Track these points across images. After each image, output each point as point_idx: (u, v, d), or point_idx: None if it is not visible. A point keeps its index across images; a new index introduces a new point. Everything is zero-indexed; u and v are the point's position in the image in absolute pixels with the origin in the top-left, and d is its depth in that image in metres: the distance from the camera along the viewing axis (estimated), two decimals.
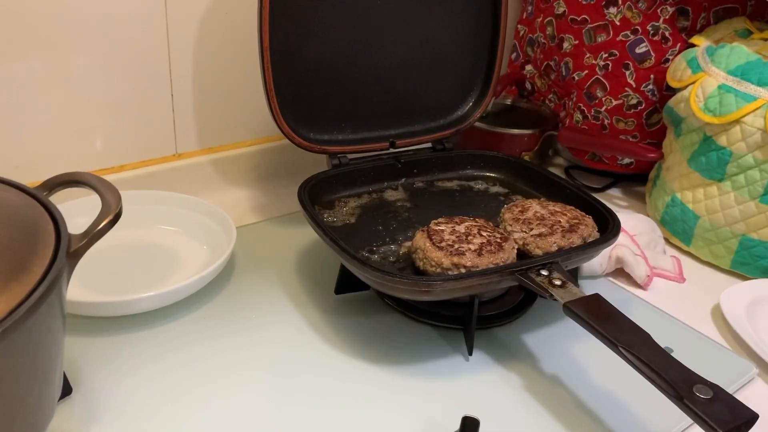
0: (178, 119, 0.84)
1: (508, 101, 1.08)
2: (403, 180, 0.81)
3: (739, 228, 0.77)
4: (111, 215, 0.45)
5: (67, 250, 0.42)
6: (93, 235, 0.44)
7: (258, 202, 0.88)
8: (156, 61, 0.80)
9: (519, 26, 1.08)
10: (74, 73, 0.75)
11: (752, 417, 0.44)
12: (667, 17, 0.88)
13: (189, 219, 0.76)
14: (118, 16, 0.75)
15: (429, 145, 0.84)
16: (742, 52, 0.77)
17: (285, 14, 0.70)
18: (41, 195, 0.46)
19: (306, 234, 0.78)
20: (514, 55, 1.10)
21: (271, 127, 0.77)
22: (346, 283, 0.68)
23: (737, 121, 0.74)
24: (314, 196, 0.72)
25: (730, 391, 0.61)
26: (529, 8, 1.05)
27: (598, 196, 0.95)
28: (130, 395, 0.56)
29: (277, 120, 0.73)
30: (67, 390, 0.54)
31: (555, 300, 0.56)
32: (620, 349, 0.49)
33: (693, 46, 0.85)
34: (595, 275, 0.76)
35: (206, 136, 0.87)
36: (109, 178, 0.80)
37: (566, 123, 1.00)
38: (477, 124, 0.93)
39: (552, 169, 1.03)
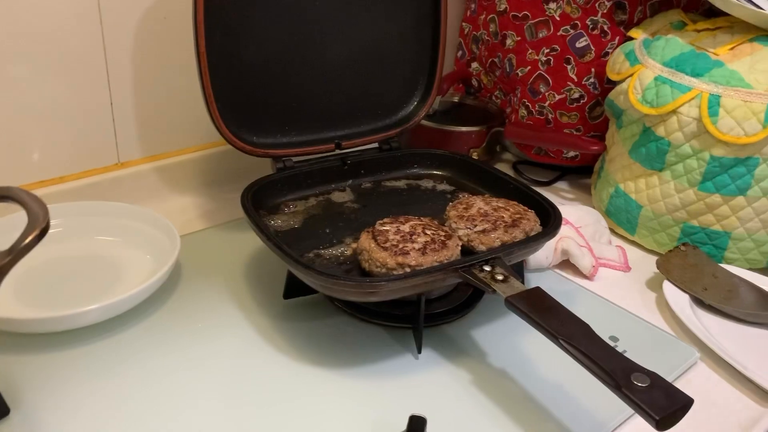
0: (119, 128, 0.83)
1: (456, 99, 1.09)
2: (350, 181, 0.81)
3: (680, 216, 0.79)
4: (38, 229, 0.44)
5: None
6: (19, 250, 0.43)
7: (205, 209, 0.87)
8: (92, 69, 0.78)
9: (463, 24, 1.09)
10: (7, 83, 0.73)
11: (687, 402, 0.45)
12: (605, 11, 0.90)
13: (131, 228, 0.75)
14: (50, 24, 0.73)
15: (375, 145, 0.84)
16: (676, 43, 0.79)
17: (221, 17, 0.69)
18: None
19: (254, 239, 0.76)
20: (460, 53, 1.11)
21: (215, 132, 0.76)
22: (294, 288, 0.67)
23: (674, 112, 0.76)
24: (259, 201, 0.71)
25: (674, 375, 0.63)
26: (472, 6, 1.06)
27: (545, 189, 0.97)
28: (72, 413, 0.55)
29: (217, 125, 0.72)
30: (4, 411, 0.53)
31: (497, 295, 0.56)
32: (560, 341, 0.50)
33: (631, 39, 0.87)
34: (542, 268, 0.76)
35: (149, 144, 0.86)
36: (49, 190, 0.79)
37: (512, 119, 1.01)
38: (425, 122, 0.94)
39: (500, 165, 1.04)
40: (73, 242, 0.74)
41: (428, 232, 0.63)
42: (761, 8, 0.75)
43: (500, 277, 0.57)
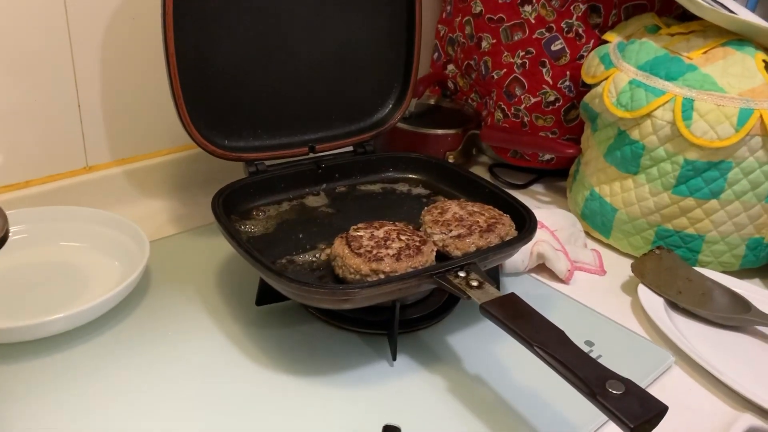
0: (87, 130, 0.81)
1: (432, 101, 1.08)
2: (325, 185, 0.80)
3: (654, 219, 0.79)
4: None
5: None
6: None
7: (175, 214, 0.85)
8: (59, 69, 0.76)
9: (439, 26, 1.08)
10: None
11: (662, 409, 0.44)
12: (579, 14, 0.90)
13: (98, 234, 0.73)
14: (15, 24, 0.71)
15: (350, 148, 0.83)
16: (650, 47, 0.79)
17: (191, 18, 0.68)
18: None
19: (226, 244, 0.74)
20: (436, 55, 1.10)
21: (186, 135, 0.74)
22: (267, 294, 0.66)
23: (648, 115, 0.76)
24: (230, 206, 0.70)
25: (649, 379, 0.63)
26: (448, 8, 1.05)
27: (521, 192, 0.97)
28: (38, 424, 0.53)
29: (187, 128, 0.70)
30: None
31: (472, 301, 0.55)
32: (535, 348, 0.49)
33: (605, 42, 0.87)
34: (518, 272, 0.76)
35: (118, 147, 0.84)
36: (14, 194, 0.77)
37: (488, 122, 1.01)
38: (401, 125, 0.93)
39: (477, 168, 1.04)
40: (38, 249, 0.72)
41: (403, 237, 0.63)
42: (734, 13, 0.76)
43: (475, 283, 0.57)
